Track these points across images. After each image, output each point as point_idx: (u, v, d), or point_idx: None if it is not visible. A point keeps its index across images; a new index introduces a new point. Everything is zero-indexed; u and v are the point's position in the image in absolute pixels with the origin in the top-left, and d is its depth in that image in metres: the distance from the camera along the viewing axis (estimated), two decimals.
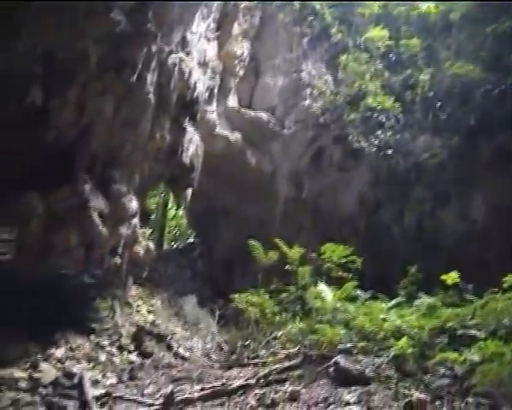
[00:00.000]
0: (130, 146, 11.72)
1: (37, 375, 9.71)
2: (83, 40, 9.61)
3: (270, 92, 18.03)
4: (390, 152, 18.08)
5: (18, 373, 9.67)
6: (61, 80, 9.75)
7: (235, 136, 16.94)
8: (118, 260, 12.20)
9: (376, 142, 18.12)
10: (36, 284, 10.79)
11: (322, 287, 12.13)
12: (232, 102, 16.81)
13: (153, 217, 21.70)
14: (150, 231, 21.93)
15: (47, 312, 10.96)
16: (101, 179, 11.55)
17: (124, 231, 11.99)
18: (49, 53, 9.39)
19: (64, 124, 10.23)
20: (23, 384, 9.37)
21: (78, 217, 10.94)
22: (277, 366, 10.05)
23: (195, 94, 13.10)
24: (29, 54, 9.02)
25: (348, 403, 8.11)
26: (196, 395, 9.04)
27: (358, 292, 12.48)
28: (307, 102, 18.19)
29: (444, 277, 11.86)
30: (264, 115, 17.52)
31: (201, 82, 13.53)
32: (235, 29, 16.09)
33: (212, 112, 15.57)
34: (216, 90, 15.28)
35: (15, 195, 10.33)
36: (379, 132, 18.27)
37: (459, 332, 9.88)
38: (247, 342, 12.42)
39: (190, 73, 12.63)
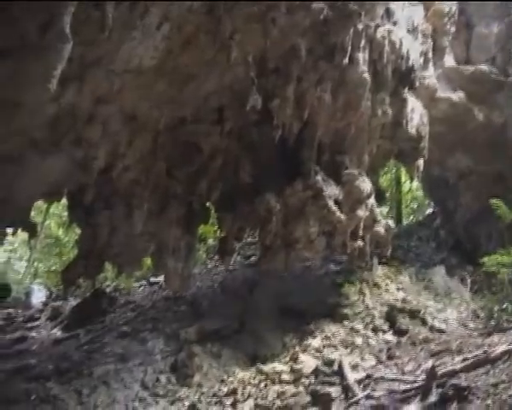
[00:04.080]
0: (353, 128, 11.26)
1: (298, 366, 9.81)
2: (290, 36, 9.31)
3: (486, 43, 16.30)
4: None
5: (280, 367, 9.92)
6: (276, 79, 9.66)
7: (458, 95, 15.58)
8: (360, 242, 11.78)
9: None
10: (284, 280, 10.91)
11: None
12: (448, 61, 15.49)
13: (388, 194, 20.88)
14: (388, 208, 21.46)
15: (299, 305, 11.02)
16: (331, 166, 11.32)
17: (361, 213, 11.51)
18: (260, 55, 9.28)
19: (287, 120, 10.09)
20: (286, 377, 9.58)
21: (314, 208, 10.81)
22: None
23: (410, 62, 12.13)
24: (243, 61, 8.97)
25: None
26: (459, 366, 8.28)
27: None
28: None
29: None
30: (484, 68, 15.88)
31: (414, 49, 12.53)
32: None
33: (430, 76, 14.41)
34: (430, 54, 14.11)
35: (254, 197, 10.53)
36: None
37: None
38: (505, 306, 11.11)
39: (401, 42, 11.73)
